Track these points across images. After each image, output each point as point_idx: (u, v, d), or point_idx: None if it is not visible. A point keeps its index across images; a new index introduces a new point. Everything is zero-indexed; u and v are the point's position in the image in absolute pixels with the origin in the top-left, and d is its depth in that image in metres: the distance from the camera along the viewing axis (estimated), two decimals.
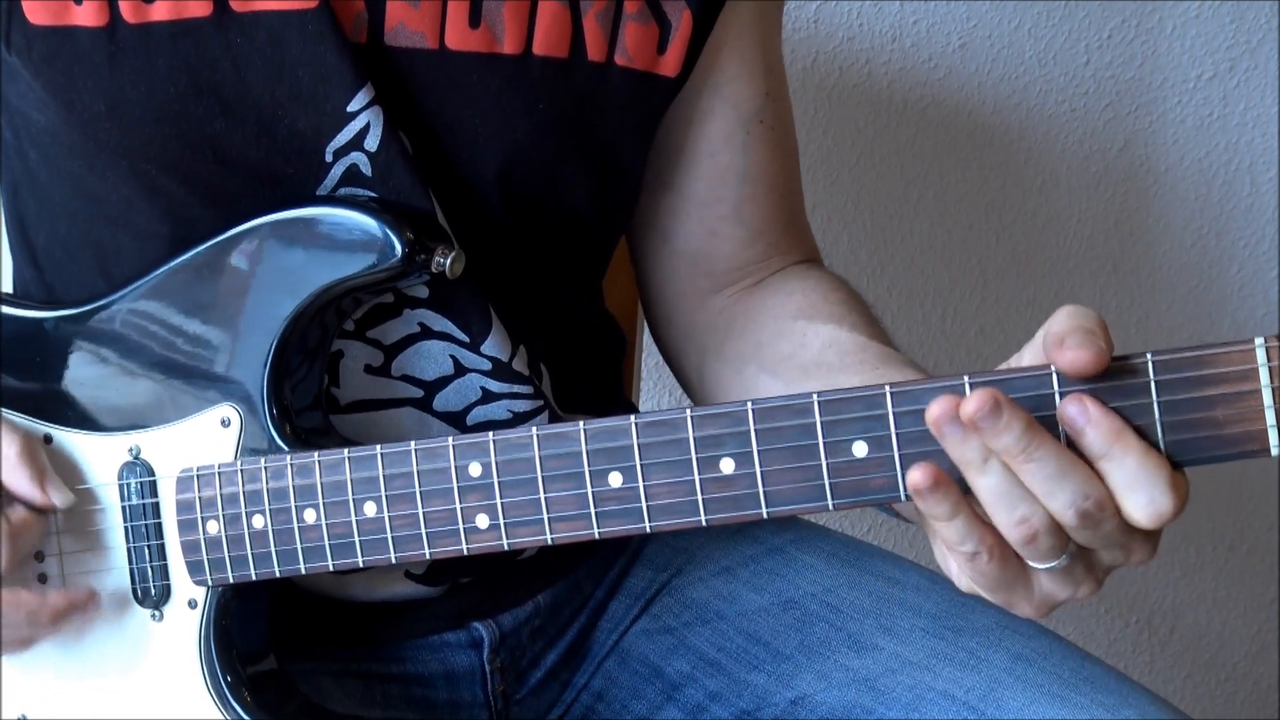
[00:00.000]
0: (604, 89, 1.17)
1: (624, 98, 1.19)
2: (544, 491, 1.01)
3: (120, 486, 1.14)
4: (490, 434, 1.02)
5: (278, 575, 1.10)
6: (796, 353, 1.20)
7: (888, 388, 0.92)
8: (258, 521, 1.09)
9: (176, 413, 1.13)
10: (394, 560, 1.06)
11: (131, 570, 1.14)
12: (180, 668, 1.14)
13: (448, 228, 1.14)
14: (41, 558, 1.16)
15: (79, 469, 1.15)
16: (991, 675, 1.20)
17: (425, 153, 1.14)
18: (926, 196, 2.08)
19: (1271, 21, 2.11)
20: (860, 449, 0.93)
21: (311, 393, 1.15)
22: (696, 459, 0.97)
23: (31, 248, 1.23)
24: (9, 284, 1.29)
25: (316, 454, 1.08)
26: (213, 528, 1.11)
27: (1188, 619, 2.29)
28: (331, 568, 1.08)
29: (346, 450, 1.07)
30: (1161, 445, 0.89)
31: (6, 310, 1.19)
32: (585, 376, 1.29)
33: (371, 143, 1.11)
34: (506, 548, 1.03)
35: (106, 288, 1.16)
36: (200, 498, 1.11)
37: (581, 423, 1.00)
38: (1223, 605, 2.30)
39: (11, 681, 1.18)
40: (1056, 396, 0.90)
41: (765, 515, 0.96)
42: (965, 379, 0.91)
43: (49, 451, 1.16)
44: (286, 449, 1.10)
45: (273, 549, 1.09)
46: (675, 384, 2.04)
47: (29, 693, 1.18)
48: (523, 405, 1.19)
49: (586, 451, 1.00)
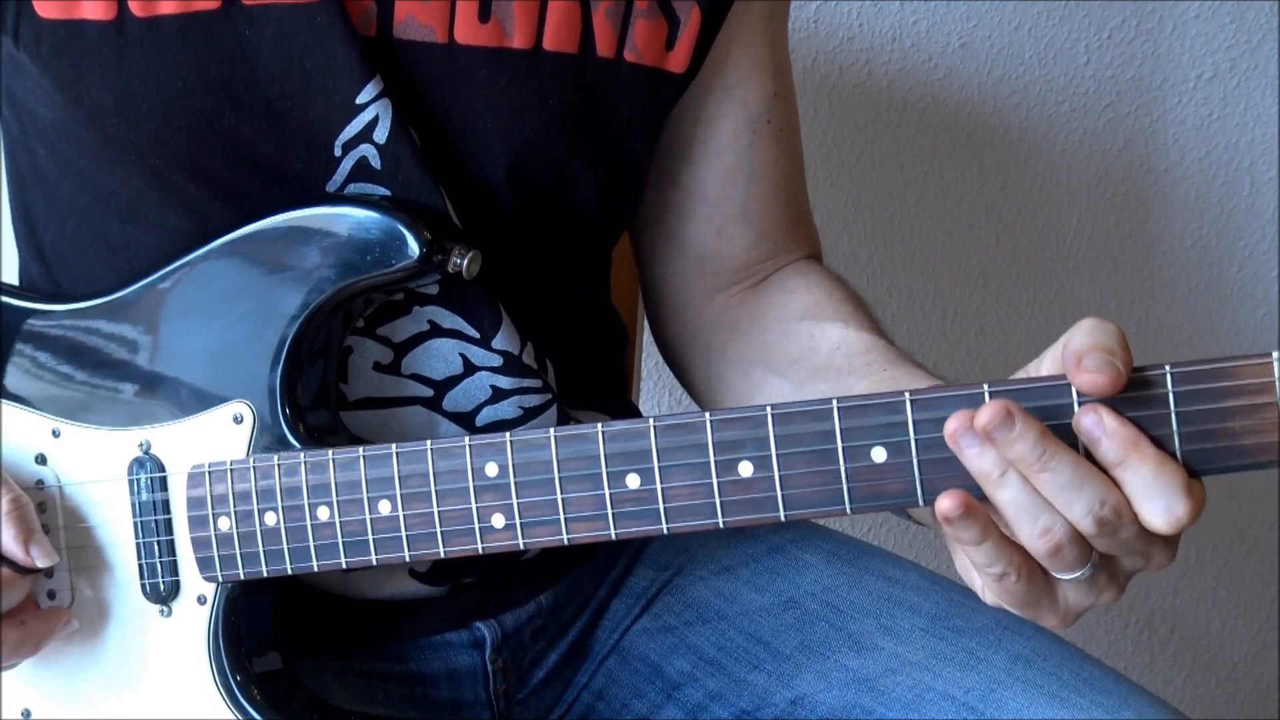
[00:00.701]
0: (613, 84, 1.18)
1: (633, 93, 1.19)
2: (561, 492, 1.01)
3: (130, 482, 1.14)
4: (508, 434, 1.02)
5: (289, 572, 1.10)
6: (805, 355, 1.21)
7: (908, 395, 0.93)
8: (270, 518, 1.09)
9: (187, 408, 1.13)
10: (408, 559, 1.06)
11: (140, 566, 1.14)
12: (188, 664, 1.14)
13: (459, 224, 1.14)
14: (51, 573, 1.16)
15: (88, 464, 1.15)
16: (991, 676, 1.21)
17: (434, 147, 1.14)
18: (926, 196, 2.08)
19: (1271, 21, 2.11)
20: (879, 454, 0.94)
21: (321, 389, 1.15)
22: (715, 462, 0.97)
23: (39, 243, 1.23)
24: (15, 279, 1.29)
25: (331, 452, 1.08)
26: (224, 524, 1.11)
27: (1188, 619, 2.30)
28: (345, 565, 1.08)
29: (361, 449, 1.07)
30: (1179, 455, 0.90)
31: (15, 303, 1.18)
32: (590, 371, 1.29)
33: (381, 135, 1.11)
34: (522, 547, 1.03)
35: (116, 283, 1.16)
36: (212, 494, 1.11)
37: (600, 425, 1.00)
38: (1223, 605, 2.30)
39: (15, 677, 1.18)
40: (1075, 406, 0.90)
41: (783, 518, 0.97)
42: (985, 387, 0.91)
43: (57, 445, 1.16)
44: (299, 446, 1.10)
45: (285, 546, 1.09)
46: (675, 384, 2.04)
47: (33, 688, 1.18)
48: (532, 400, 1.19)
49: (604, 453, 1.00)
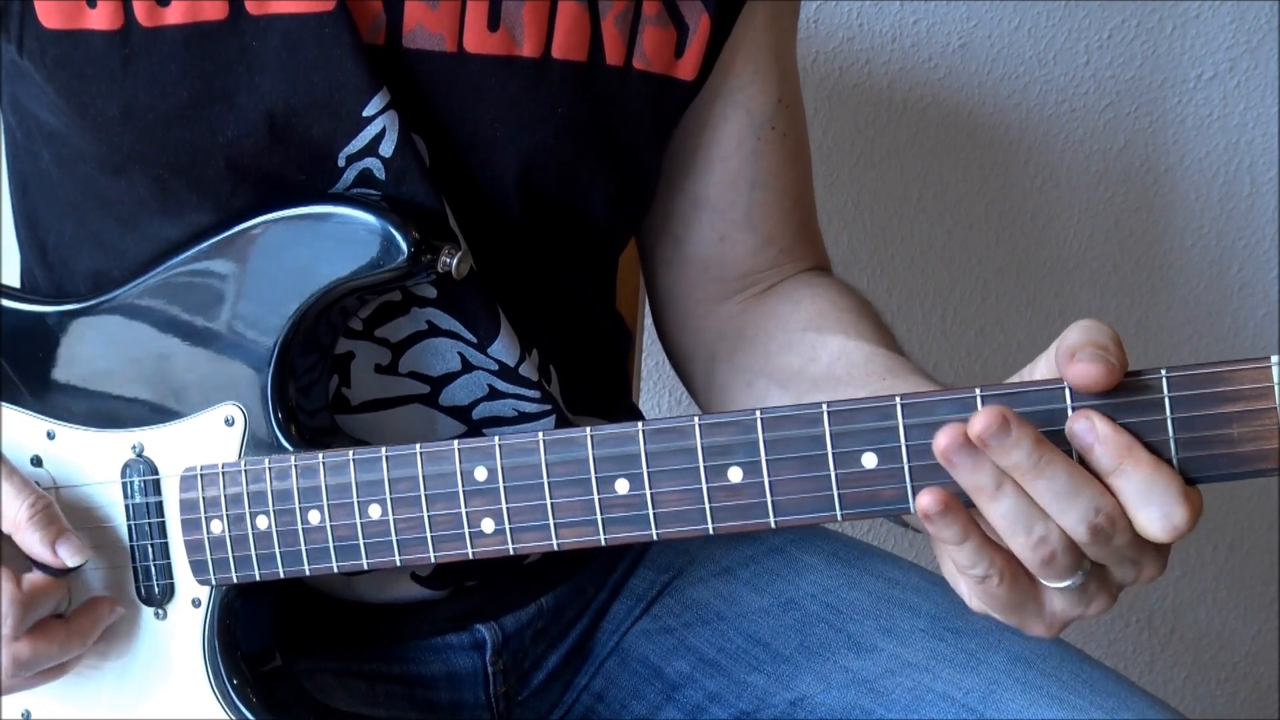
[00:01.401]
0: (622, 92, 1.17)
1: (642, 101, 1.18)
2: (550, 497, 1.01)
3: (123, 485, 1.14)
4: (496, 438, 1.02)
5: (281, 576, 1.10)
6: (806, 366, 1.20)
7: (898, 399, 0.92)
8: (262, 522, 1.09)
9: (180, 411, 1.13)
10: (399, 563, 1.06)
11: (134, 569, 1.14)
12: (184, 666, 1.14)
13: (457, 229, 1.13)
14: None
15: (81, 466, 1.15)
16: (990, 677, 1.20)
17: (441, 155, 1.14)
18: (926, 196, 2.08)
19: (1271, 21, 2.11)
20: (870, 460, 0.93)
21: (322, 394, 1.14)
22: (704, 467, 0.97)
23: (42, 246, 1.23)
24: (17, 282, 1.29)
25: (321, 455, 1.07)
26: (216, 527, 1.11)
27: (1188, 619, 2.29)
28: (336, 569, 1.08)
29: (351, 451, 1.06)
30: (1175, 462, 0.88)
31: (9, 304, 1.18)
32: (593, 376, 1.29)
33: (387, 148, 1.11)
34: (512, 552, 1.03)
35: (109, 285, 1.16)
36: (204, 497, 1.11)
37: (589, 429, 0.99)
38: (1223, 605, 2.30)
39: None
40: (1069, 410, 0.90)
41: (774, 525, 0.96)
42: (978, 391, 0.91)
43: (52, 447, 1.16)
44: (291, 449, 1.10)
45: (277, 550, 1.09)
46: (675, 384, 2.04)
47: (33, 690, 1.17)
48: (530, 407, 1.19)
49: (593, 458, 0.99)
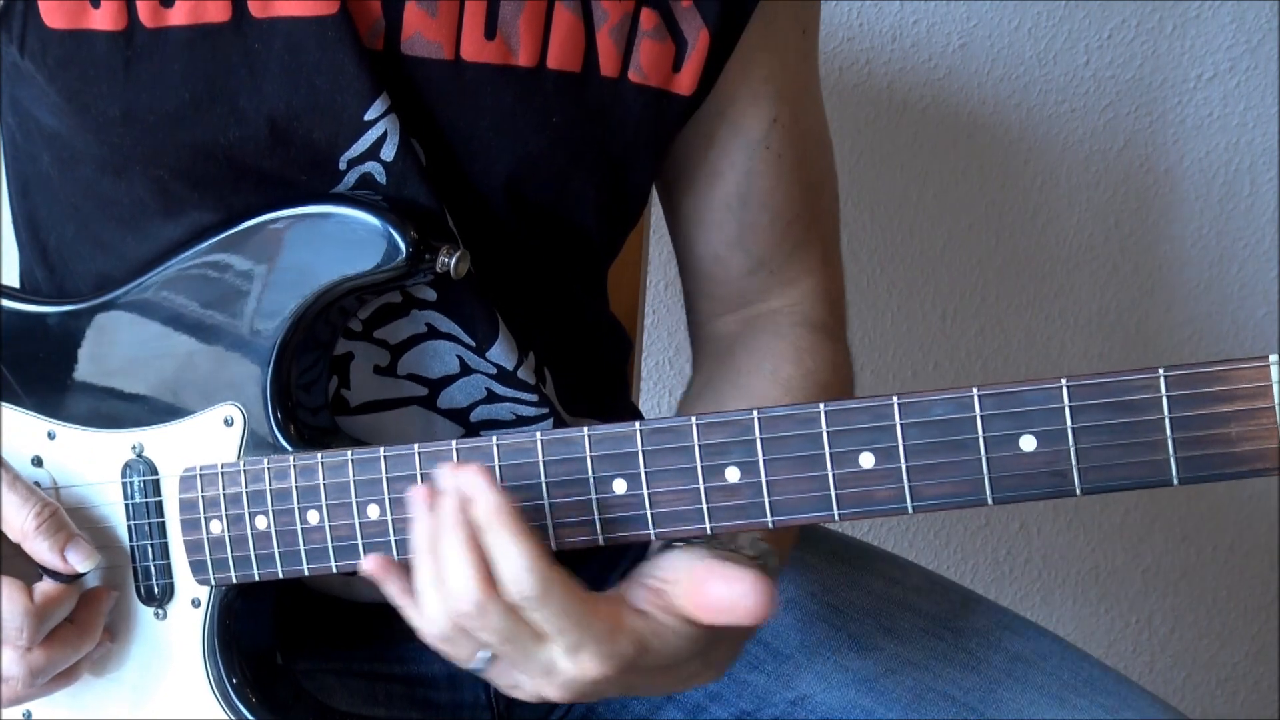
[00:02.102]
0: (616, 104, 1.17)
1: (636, 113, 1.18)
2: (548, 497, 1.01)
3: (123, 484, 1.14)
4: (494, 438, 1.02)
5: (281, 576, 1.10)
6: None
7: (895, 398, 0.92)
8: (260, 522, 1.09)
9: (179, 411, 1.13)
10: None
11: (134, 569, 1.15)
12: (184, 666, 1.14)
13: (455, 232, 1.14)
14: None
15: (81, 466, 1.15)
16: (991, 676, 1.21)
17: (437, 161, 1.14)
18: (926, 196, 2.08)
19: (1271, 21, 2.11)
20: (867, 460, 0.93)
21: (321, 395, 1.15)
22: (701, 467, 0.97)
23: (43, 248, 1.23)
24: (17, 283, 1.29)
25: (320, 455, 1.07)
26: (216, 527, 1.11)
27: (1188, 619, 2.29)
28: (335, 569, 1.08)
29: (350, 451, 1.06)
30: (1172, 462, 0.88)
31: (9, 305, 1.19)
32: (590, 380, 1.29)
33: (388, 152, 1.11)
34: None
35: (109, 286, 1.16)
36: (203, 497, 1.11)
37: (586, 429, 0.99)
38: (1223, 605, 2.30)
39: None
40: (1067, 411, 0.89)
41: (771, 525, 0.96)
42: (974, 391, 0.91)
43: (53, 448, 1.16)
44: (290, 449, 1.10)
45: (276, 550, 1.09)
46: (675, 385, 2.05)
47: None
48: (527, 411, 1.19)
49: (591, 457, 0.99)
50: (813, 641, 1.27)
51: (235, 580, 1.11)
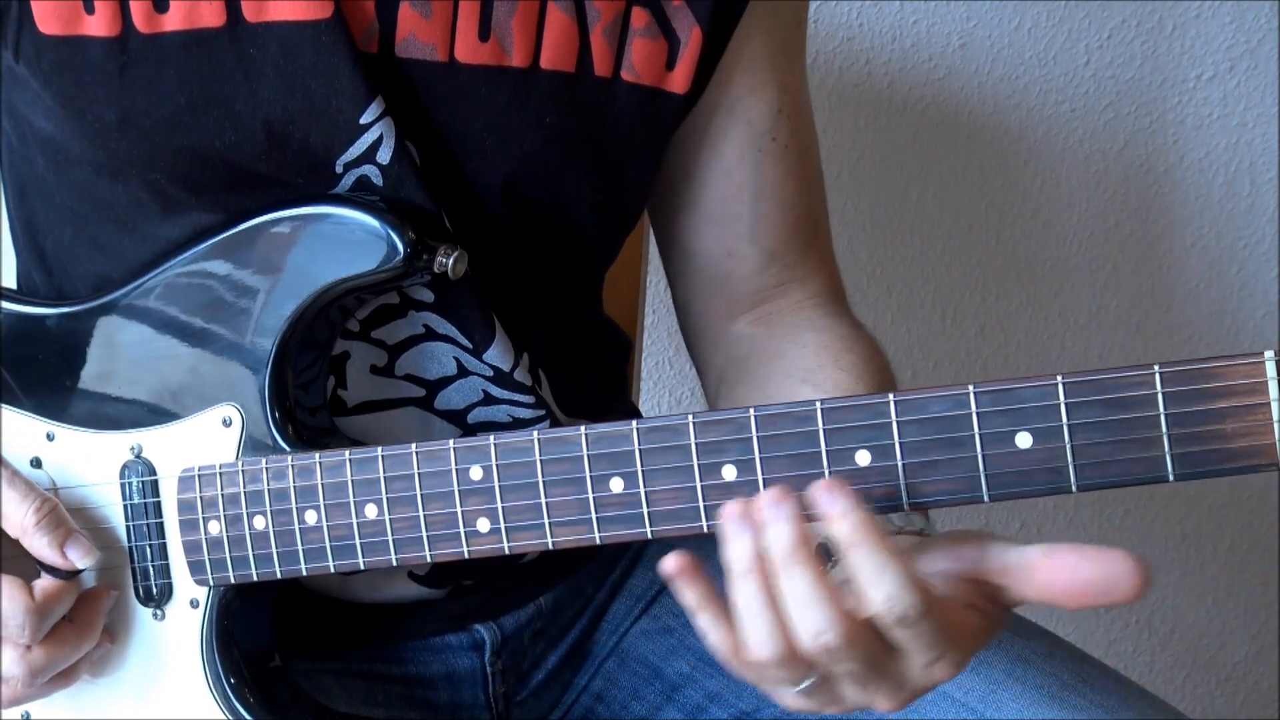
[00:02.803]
0: (610, 104, 1.17)
1: (630, 113, 1.18)
2: (545, 496, 1.01)
3: (122, 485, 1.14)
4: (491, 437, 1.02)
5: (279, 576, 1.10)
6: None
7: (891, 396, 0.92)
8: (259, 522, 1.09)
9: (178, 412, 1.13)
10: (395, 563, 1.06)
11: (133, 569, 1.15)
12: (182, 667, 1.14)
13: (453, 233, 1.14)
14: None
15: (80, 467, 1.15)
16: (991, 676, 1.20)
17: (433, 163, 1.14)
18: (926, 196, 2.08)
19: (1271, 21, 2.11)
20: (863, 457, 0.93)
21: (319, 395, 1.15)
22: (699, 465, 0.96)
23: (41, 250, 1.23)
24: (15, 286, 1.29)
25: (318, 455, 1.07)
26: (214, 528, 1.11)
27: (1188, 619, 2.29)
28: (333, 569, 1.08)
29: (348, 451, 1.06)
30: (1168, 458, 0.88)
31: (9, 306, 1.19)
32: (588, 382, 1.28)
33: (384, 155, 1.11)
34: (507, 551, 1.03)
35: (107, 287, 1.16)
36: (202, 497, 1.11)
37: (583, 427, 0.99)
38: (1223, 605, 2.30)
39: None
40: (1063, 407, 0.89)
41: None
42: (970, 389, 0.91)
43: (52, 449, 1.16)
44: (288, 449, 1.10)
45: (274, 550, 1.09)
46: (674, 385, 2.05)
47: None
48: (524, 413, 1.19)
49: (588, 456, 0.99)
50: None
51: (233, 581, 1.11)
